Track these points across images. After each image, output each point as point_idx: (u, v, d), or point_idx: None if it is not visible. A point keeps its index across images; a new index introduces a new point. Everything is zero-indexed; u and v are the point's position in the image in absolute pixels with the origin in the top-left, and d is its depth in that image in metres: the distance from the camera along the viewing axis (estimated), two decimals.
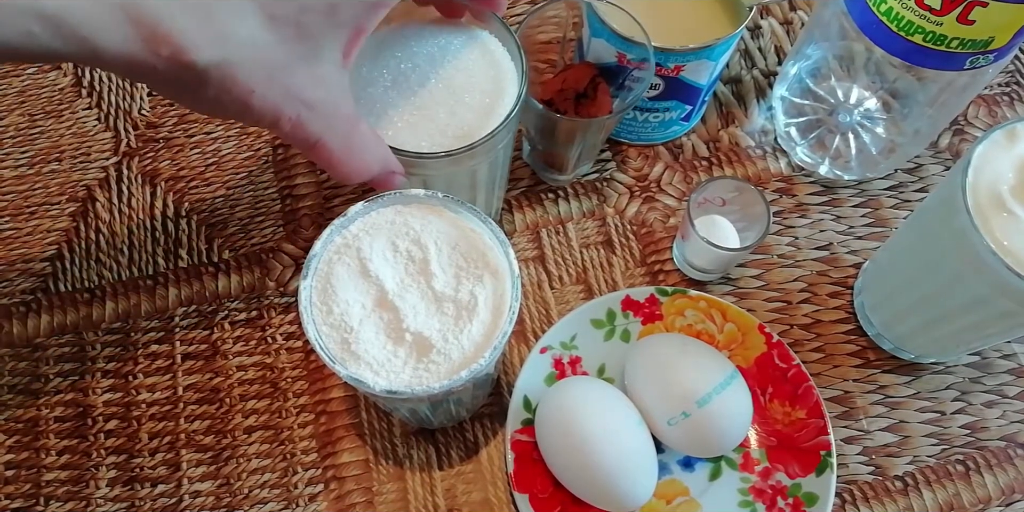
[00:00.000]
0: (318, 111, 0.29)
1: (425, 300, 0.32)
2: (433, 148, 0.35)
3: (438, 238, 0.33)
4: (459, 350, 0.31)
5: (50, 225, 0.50)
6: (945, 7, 0.35)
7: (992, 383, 0.45)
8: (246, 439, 0.43)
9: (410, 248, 0.33)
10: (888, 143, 0.48)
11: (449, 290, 0.32)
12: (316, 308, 0.32)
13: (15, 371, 0.45)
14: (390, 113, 0.36)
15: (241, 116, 0.29)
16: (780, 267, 0.48)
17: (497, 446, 0.43)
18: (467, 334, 0.32)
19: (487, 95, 0.37)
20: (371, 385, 0.30)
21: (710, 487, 0.41)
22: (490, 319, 0.32)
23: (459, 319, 0.32)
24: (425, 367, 0.31)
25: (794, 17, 0.56)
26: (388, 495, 0.42)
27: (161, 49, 0.25)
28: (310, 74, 0.28)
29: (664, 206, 0.50)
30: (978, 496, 0.42)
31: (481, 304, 0.32)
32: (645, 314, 0.45)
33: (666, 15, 0.43)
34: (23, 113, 0.53)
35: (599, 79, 0.43)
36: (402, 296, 0.32)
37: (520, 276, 0.32)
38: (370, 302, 0.32)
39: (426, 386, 0.31)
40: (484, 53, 0.38)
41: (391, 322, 0.32)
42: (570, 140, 0.43)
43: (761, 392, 0.43)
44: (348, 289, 0.32)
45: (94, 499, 0.42)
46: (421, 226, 0.33)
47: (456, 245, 0.33)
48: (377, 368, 0.31)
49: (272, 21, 0.27)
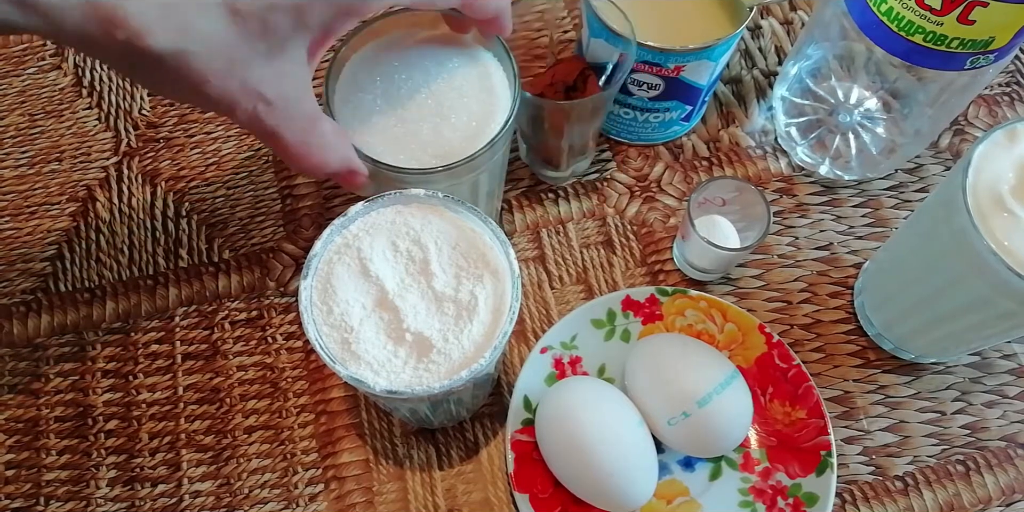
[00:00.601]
0: (275, 106, 0.29)
1: (425, 300, 0.32)
2: (411, 163, 0.35)
3: (438, 238, 0.33)
4: (459, 350, 0.31)
5: (50, 225, 0.50)
6: (945, 7, 0.35)
7: (992, 383, 0.45)
8: (246, 439, 0.43)
9: (410, 248, 0.33)
10: (888, 143, 0.48)
11: (449, 290, 0.32)
12: (316, 308, 0.32)
13: (15, 371, 0.45)
14: (374, 121, 0.36)
15: (197, 103, 0.29)
16: (780, 267, 0.48)
17: (497, 446, 0.43)
18: (467, 334, 0.32)
19: (475, 118, 0.36)
20: (371, 385, 0.30)
21: (710, 487, 0.41)
22: (490, 319, 0.32)
23: (459, 319, 0.32)
24: (425, 367, 0.31)
25: (794, 17, 0.56)
26: (388, 495, 0.42)
27: (117, 32, 0.25)
28: (271, 70, 0.29)
29: (664, 206, 0.50)
30: (978, 496, 0.42)
31: (481, 304, 0.32)
32: (645, 314, 0.45)
33: (666, 15, 0.43)
34: (23, 113, 0.53)
35: (588, 72, 0.43)
36: (402, 296, 0.32)
37: (520, 276, 0.32)
38: (370, 302, 0.32)
39: (426, 386, 0.31)
40: (481, 76, 0.37)
41: (391, 322, 0.32)
42: (559, 129, 0.43)
43: (761, 392, 0.43)
44: (348, 289, 0.32)
45: (94, 499, 0.42)
46: (421, 226, 0.33)
47: (456, 245, 0.33)
48: (377, 368, 0.31)
49: (235, 16, 0.27)
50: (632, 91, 0.46)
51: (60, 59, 0.55)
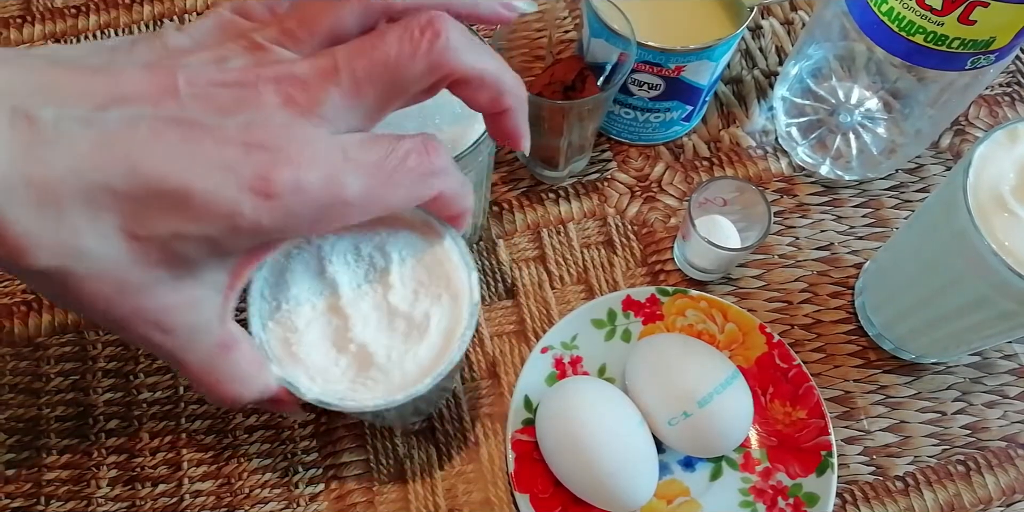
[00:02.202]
0: (176, 335, 0.26)
1: (378, 311, 0.31)
2: None
3: (404, 249, 0.31)
4: (400, 371, 0.30)
5: None
6: (946, 7, 0.35)
7: (993, 383, 0.45)
8: (247, 438, 0.43)
9: (373, 254, 0.31)
10: (889, 143, 0.48)
11: (405, 305, 0.31)
12: (265, 301, 0.31)
13: (16, 370, 0.45)
14: None
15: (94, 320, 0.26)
16: (781, 267, 0.48)
17: (498, 446, 0.43)
18: (412, 355, 0.30)
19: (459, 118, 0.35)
20: (303, 391, 0.29)
21: (711, 487, 0.41)
22: (440, 343, 0.30)
23: (408, 337, 0.30)
24: (363, 382, 0.30)
25: (795, 17, 0.56)
26: (388, 495, 0.42)
27: None
28: (177, 297, 0.25)
29: (665, 206, 0.50)
30: (979, 496, 0.42)
31: (434, 325, 0.30)
32: (646, 314, 0.45)
33: (667, 15, 0.43)
34: None
35: (587, 72, 0.43)
36: (355, 303, 0.31)
37: (479, 303, 0.30)
38: (322, 304, 0.31)
39: (359, 402, 0.29)
40: None
41: (339, 329, 0.30)
42: (558, 129, 0.43)
43: (762, 392, 0.43)
44: (302, 287, 0.31)
45: (95, 498, 0.42)
46: (389, 233, 0.32)
47: (421, 259, 0.31)
48: (314, 374, 0.30)
49: (133, 241, 0.23)
50: (633, 91, 0.46)
51: None
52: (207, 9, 0.57)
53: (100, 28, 0.56)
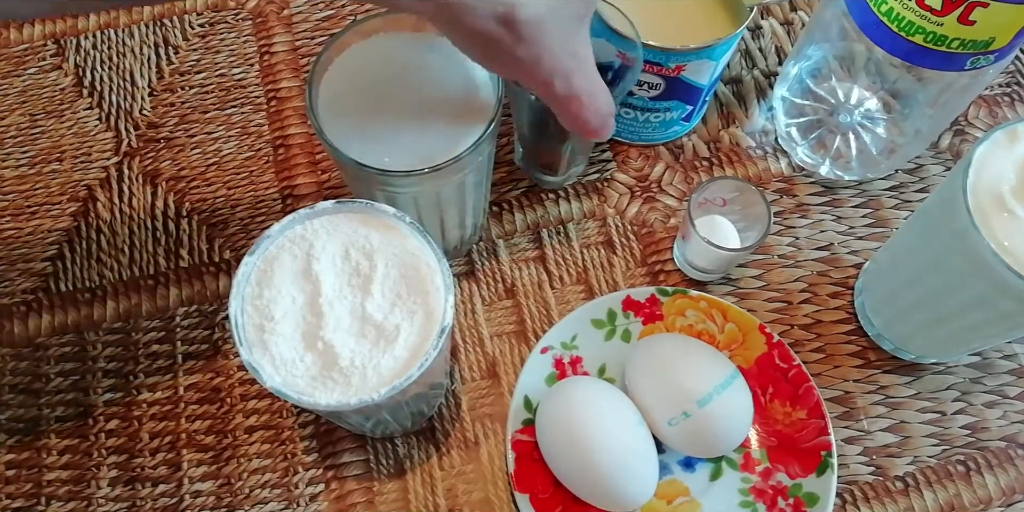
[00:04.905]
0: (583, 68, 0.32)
1: (352, 316, 0.32)
2: (396, 165, 0.35)
3: (390, 260, 0.33)
4: (360, 377, 0.31)
5: (51, 225, 0.50)
6: (946, 7, 0.35)
7: (993, 383, 0.45)
8: (247, 439, 0.43)
9: (360, 260, 0.33)
10: (889, 143, 0.48)
11: (379, 315, 0.32)
12: (250, 286, 0.32)
13: (16, 371, 0.45)
14: (359, 123, 0.36)
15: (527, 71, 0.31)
16: (781, 267, 0.48)
17: (498, 446, 0.43)
18: (374, 365, 0.31)
19: (460, 119, 0.36)
20: (264, 379, 0.30)
21: (711, 487, 0.41)
22: (405, 357, 0.31)
23: (375, 347, 0.31)
24: (323, 381, 0.31)
25: (795, 17, 0.56)
26: (389, 495, 0.42)
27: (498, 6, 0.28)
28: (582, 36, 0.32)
29: (665, 206, 0.50)
30: (979, 496, 0.42)
31: (402, 339, 0.31)
32: (646, 314, 0.45)
33: (667, 15, 0.43)
34: (24, 113, 0.53)
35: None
36: (333, 304, 0.32)
37: (449, 327, 0.31)
38: (301, 299, 0.32)
39: (314, 399, 0.30)
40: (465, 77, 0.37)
41: (311, 326, 0.31)
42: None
43: (762, 392, 0.43)
44: (286, 280, 0.32)
45: (95, 499, 0.42)
46: (380, 243, 0.33)
47: (405, 273, 0.32)
48: (279, 364, 0.31)
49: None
50: (633, 91, 0.46)
51: (61, 59, 0.55)
52: (207, 9, 0.57)
53: (100, 28, 0.56)
